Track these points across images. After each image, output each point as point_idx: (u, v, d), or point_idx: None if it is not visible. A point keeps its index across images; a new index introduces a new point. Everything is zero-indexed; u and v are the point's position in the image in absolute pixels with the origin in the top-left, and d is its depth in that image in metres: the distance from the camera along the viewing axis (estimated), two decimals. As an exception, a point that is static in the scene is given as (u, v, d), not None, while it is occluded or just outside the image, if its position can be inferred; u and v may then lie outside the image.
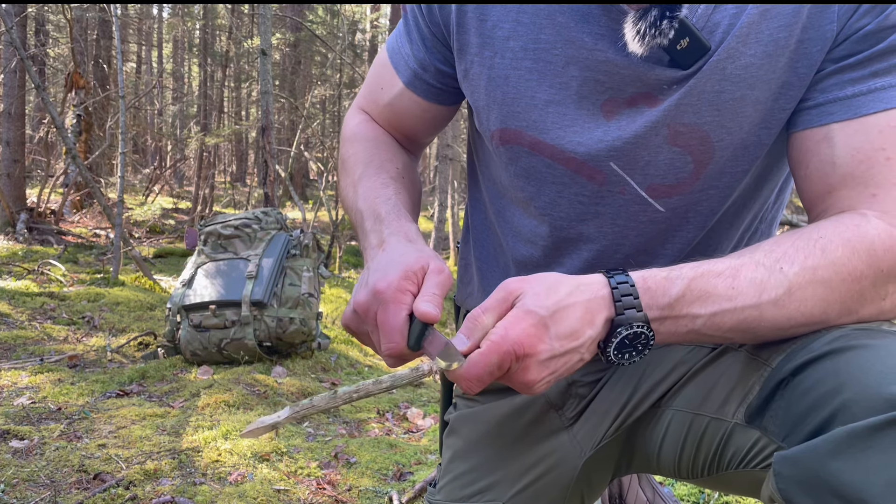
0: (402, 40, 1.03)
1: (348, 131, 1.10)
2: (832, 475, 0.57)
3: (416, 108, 1.05)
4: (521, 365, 0.71)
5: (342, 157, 1.08)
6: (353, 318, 0.82)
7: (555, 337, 0.71)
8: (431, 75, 1.01)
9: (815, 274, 0.71)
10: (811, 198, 0.82)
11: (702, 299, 0.72)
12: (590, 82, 0.85)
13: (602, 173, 0.87)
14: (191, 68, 21.59)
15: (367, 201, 0.95)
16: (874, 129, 0.76)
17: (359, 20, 12.51)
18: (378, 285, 0.77)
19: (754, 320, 0.73)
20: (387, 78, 1.05)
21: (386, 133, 1.09)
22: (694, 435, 0.84)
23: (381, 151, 1.04)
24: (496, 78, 0.90)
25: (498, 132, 0.93)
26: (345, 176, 1.05)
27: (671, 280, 0.73)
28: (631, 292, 0.72)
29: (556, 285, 0.72)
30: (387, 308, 0.77)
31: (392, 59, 1.04)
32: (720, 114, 0.82)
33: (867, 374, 0.62)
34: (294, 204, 10.60)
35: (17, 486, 1.94)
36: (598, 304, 0.72)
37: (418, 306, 0.76)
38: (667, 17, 0.77)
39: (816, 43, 0.78)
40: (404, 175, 1.02)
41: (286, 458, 2.28)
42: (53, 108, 5.95)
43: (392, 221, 0.90)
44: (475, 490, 1.03)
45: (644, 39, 0.78)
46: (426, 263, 0.80)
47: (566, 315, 0.71)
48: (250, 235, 3.67)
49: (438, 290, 0.78)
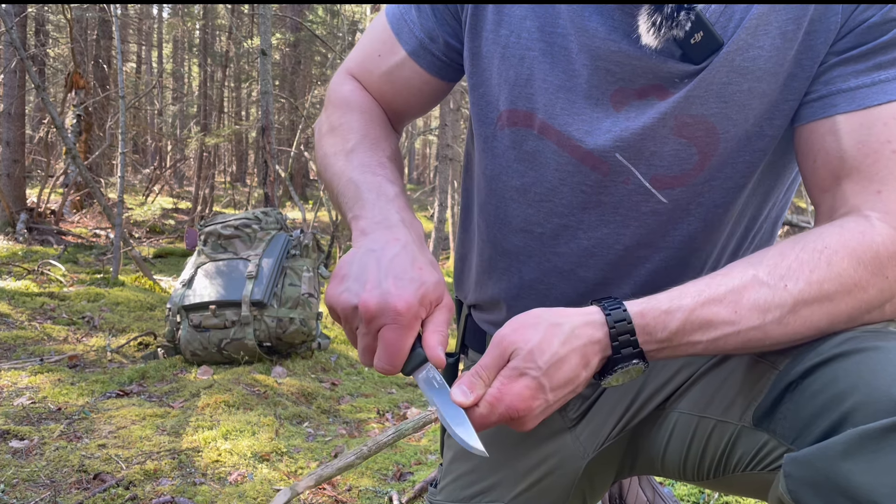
0: (408, 7, 0.98)
1: (338, 97, 1.03)
2: (843, 477, 0.57)
3: (417, 79, 1.00)
4: (518, 421, 0.73)
5: (331, 123, 1.00)
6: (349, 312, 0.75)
7: (550, 390, 0.72)
8: (438, 47, 0.97)
9: (821, 289, 0.71)
10: (817, 191, 0.82)
11: (703, 328, 0.72)
12: (600, 72, 0.84)
13: (607, 164, 0.87)
14: (191, 68, 21.59)
15: (364, 174, 0.89)
16: (879, 122, 0.76)
17: (359, 20, 12.50)
18: (396, 303, 0.73)
19: (758, 340, 0.72)
20: (387, 44, 1.00)
21: (379, 107, 1.03)
22: (700, 437, 0.84)
23: (375, 128, 0.99)
24: (510, 57, 0.89)
25: (506, 112, 0.91)
26: (333, 141, 0.97)
27: (671, 313, 0.72)
28: (628, 330, 0.72)
29: (550, 337, 0.71)
30: (399, 331, 0.73)
31: (394, 26, 0.99)
32: (727, 105, 0.82)
33: (878, 376, 0.62)
34: (294, 204, 10.60)
35: (17, 486, 1.94)
36: (594, 349, 0.72)
37: (435, 349, 0.75)
38: (684, 8, 0.76)
39: (821, 35, 0.78)
40: (394, 159, 0.97)
41: (286, 458, 2.28)
42: (53, 108, 5.95)
43: (401, 210, 0.85)
44: (477, 490, 1.02)
45: (660, 31, 0.77)
46: (440, 294, 0.77)
47: (561, 367, 0.71)
48: (250, 235, 3.67)
49: (446, 329, 0.77)
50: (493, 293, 1.03)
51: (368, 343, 0.76)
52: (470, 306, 1.12)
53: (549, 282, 0.96)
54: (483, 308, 1.08)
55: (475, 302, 1.09)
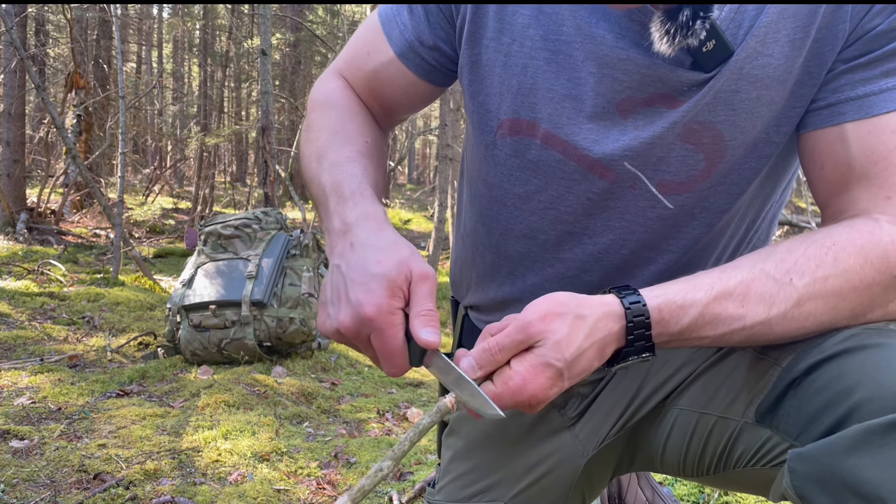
0: (401, 8, 0.97)
1: (319, 96, 1.02)
2: (848, 471, 0.58)
3: (403, 81, 0.99)
4: (532, 407, 0.73)
5: (307, 123, 1.00)
6: (339, 337, 0.77)
7: (567, 379, 0.72)
8: (428, 51, 0.96)
9: (826, 284, 0.71)
10: (826, 197, 0.82)
11: (712, 324, 0.72)
12: (607, 80, 0.83)
13: (614, 172, 0.87)
14: (191, 68, 21.59)
15: (330, 175, 0.88)
16: (887, 130, 0.76)
17: (359, 20, 12.52)
18: (365, 311, 0.72)
19: (763, 334, 0.73)
20: (376, 44, 0.99)
21: (360, 103, 1.02)
22: (700, 434, 0.84)
23: (351, 122, 0.97)
24: (513, 66, 0.88)
25: (508, 122, 0.90)
26: (308, 144, 0.96)
27: (684, 309, 0.72)
28: (645, 325, 0.72)
29: (577, 330, 0.71)
30: (382, 334, 0.73)
31: (385, 26, 0.98)
32: (735, 113, 0.82)
33: (882, 373, 0.62)
34: (294, 204, 10.60)
35: (17, 486, 1.94)
36: (610, 340, 0.73)
37: (419, 335, 0.72)
38: (700, 17, 0.76)
39: (829, 42, 0.78)
40: (373, 152, 0.95)
41: (286, 458, 2.28)
42: (53, 108, 5.95)
43: (357, 203, 0.82)
44: (476, 490, 1.02)
45: (674, 40, 0.76)
46: (407, 271, 0.74)
47: (581, 360, 0.71)
48: (250, 235, 3.67)
49: (431, 303, 0.74)
50: (494, 297, 1.03)
51: (371, 354, 0.77)
52: (467, 307, 1.12)
53: (552, 287, 0.95)
54: (483, 309, 1.08)
55: (474, 304, 1.09)
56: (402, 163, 24.11)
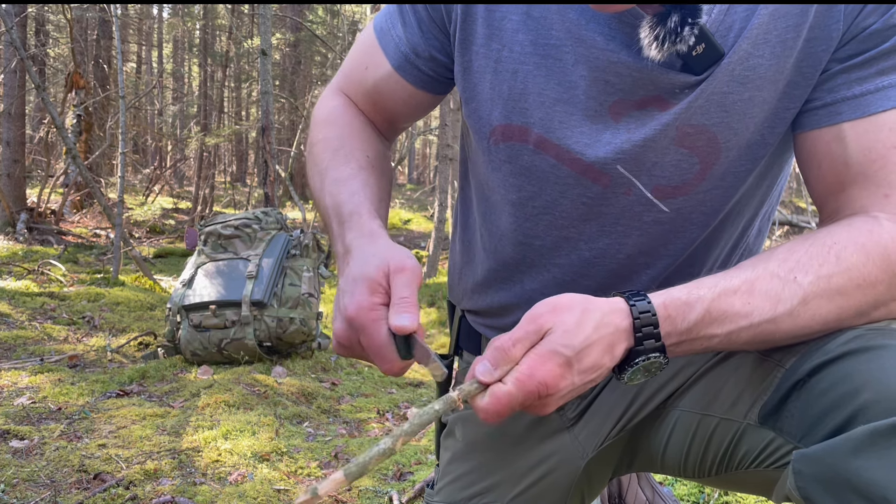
0: (394, 20, 0.97)
1: (321, 114, 1.03)
2: (854, 473, 0.57)
3: (403, 92, 1.00)
4: (542, 402, 0.71)
5: (311, 142, 1.02)
6: (342, 349, 0.80)
7: (577, 373, 0.70)
8: (424, 62, 0.96)
9: (830, 282, 0.71)
10: (824, 196, 0.82)
11: (719, 320, 0.72)
12: (599, 83, 0.83)
13: (608, 176, 0.86)
14: (191, 68, 21.59)
15: (332, 196, 0.90)
16: (885, 128, 0.76)
17: (359, 20, 12.51)
18: (349, 312, 0.75)
19: (770, 333, 0.72)
20: (373, 58, 1.00)
21: (362, 118, 1.04)
22: (702, 435, 0.84)
23: (351, 139, 0.99)
24: (503, 72, 0.88)
25: (500, 128, 0.90)
26: (312, 164, 0.99)
27: (691, 305, 0.72)
28: (652, 322, 0.71)
29: (585, 321, 0.70)
30: (366, 332, 0.75)
31: (380, 40, 0.99)
32: (728, 115, 0.82)
33: (887, 374, 0.62)
34: (294, 204, 10.60)
35: (17, 486, 1.94)
36: (619, 337, 0.72)
37: (391, 321, 0.73)
38: (688, 23, 0.75)
39: (822, 42, 0.78)
40: (374, 164, 0.96)
41: (286, 458, 2.28)
42: (53, 108, 5.95)
43: (353, 224, 0.85)
44: (476, 491, 1.02)
45: (663, 45, 0.76)
46: (385, 266, 0.76)
47: (591, 352, 0.70)
48: (250, 235, 3.67)
49: (408, 291, 0.75)
50: (492, 302, 1.03)
51: (368, 357, 0.78)
52: (464, 310, 1.12)
53: (550, 292, 0.95)
54: (480, 314, 1.08)
55: (472, 308, 1.09)
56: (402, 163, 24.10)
